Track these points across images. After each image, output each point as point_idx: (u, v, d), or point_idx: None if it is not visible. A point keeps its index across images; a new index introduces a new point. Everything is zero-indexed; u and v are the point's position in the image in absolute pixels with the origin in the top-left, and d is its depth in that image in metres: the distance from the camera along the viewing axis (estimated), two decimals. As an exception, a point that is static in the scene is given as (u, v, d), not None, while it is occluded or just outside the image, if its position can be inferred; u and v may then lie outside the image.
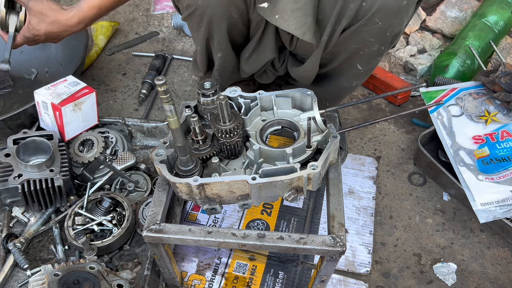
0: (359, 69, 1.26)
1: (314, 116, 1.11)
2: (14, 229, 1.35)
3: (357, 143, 1.73)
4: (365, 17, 1.12)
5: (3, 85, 1.73)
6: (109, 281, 1.06)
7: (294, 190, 1.02)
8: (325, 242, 0.98)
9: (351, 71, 1.26)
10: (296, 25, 1.16)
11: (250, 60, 1.37)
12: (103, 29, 2.11)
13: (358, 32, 1.16)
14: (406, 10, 1.12)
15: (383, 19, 1.11)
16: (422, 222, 1.49)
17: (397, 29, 1.15)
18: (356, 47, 1.20)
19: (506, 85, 1.51)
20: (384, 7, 1.09)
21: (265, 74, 1.47)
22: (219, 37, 1.29)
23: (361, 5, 1.10)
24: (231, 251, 1.38)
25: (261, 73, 1.46)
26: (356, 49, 1.20)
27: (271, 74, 1.47)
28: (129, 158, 1.47)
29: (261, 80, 1.50)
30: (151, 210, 1.06)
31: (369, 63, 1.24)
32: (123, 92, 1.92)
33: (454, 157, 1.48)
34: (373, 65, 1.25)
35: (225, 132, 1.04)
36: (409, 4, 1.11)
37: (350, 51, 1.22)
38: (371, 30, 1.14)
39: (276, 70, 1.44)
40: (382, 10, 1.10)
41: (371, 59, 1.23)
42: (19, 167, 1.29)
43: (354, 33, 1.16)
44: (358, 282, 1.33)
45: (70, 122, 1.43)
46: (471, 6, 2.14)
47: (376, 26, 1.13)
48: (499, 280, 1.35)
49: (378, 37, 1.16)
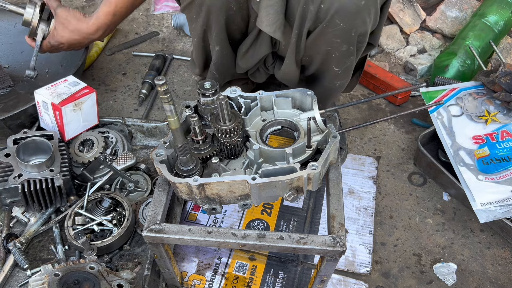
0: (336, 70, 1.27)
1: (314, 116, 1.11)
2: (14, 229, 1.35)
3: (357, 143, 1.73)
4: (326, 19, 1.13)
5: (3, 85, 1.73)
6: (109, 281, 1.06)
7: (294, 190, 1.02)
8: (325, 242, 0.98)
9: (330, 72, 1.29)
10: (268, 22, 1.17)
11: (246, 56, 1.38)
12: None
13: (323, 34, 1.17)
14: (366, 10, 1.12)
15: (343, 20, 1.12)
16: (422, 222, 1.49)
17: (360, 29, 1.15)
18: (326, 48, 1.21)
19: (506, 85, 1.51)
20: (343, 8, 1.10)
21: (258, 73, 1.47)
22: (217, 28, 1.30)
23: (320, 7, 1.12)
24: (231, 251, 1.38)
25: (255, 71, 1.47)
26: (327, 50, 1.22)
27: (264, 73, 1.47)
28: (129, 158, 1.47)
29: (254, 78, 1.50)
30: (151, 210, 1.06)
31: (343, 64, 1.26)
32: (123, 92, 1.92)
33: (454, 157, 1.48)
34: (348, 65, 1.27)
35: (225, 132, 1.04)
36: (368, 4, 1.11)
37: (322, 53, 1.23)
38: (335, 31, 1.15)
39: (268, 68, 1.45)
40: (340, 12, 1.11)
41: (344, 59, 1.24)
42: (19, 167, 1.29)
43: (320, 35, 1.18)
44: (358, 282, 1.33)
45: (70, 122, 1.43)
46: (471, 6, 2.14)
47: (339, 27, 1.14)
48: (499, 280, 1.35)
49: (343, 38, 1.17)
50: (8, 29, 1.83)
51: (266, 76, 1.49)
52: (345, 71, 1.29)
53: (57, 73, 1.76)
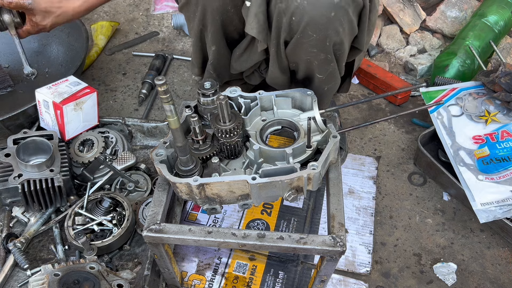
0: (320, 77, 1.29)
1: (314, 116, 1.11)
2: (14, 229, 1.35)
3: (357, 143, 1.73)
4: (299, 30, 1.14)
5: (3, 85, 1.73)
6: (109, 281, 1.06)
7: (294, 190, 1.02)
8: (325, 242, 0.98)
9: (315, 78, 1.30)
10: (258, 29, 1.19)
11: (241, 59, 1.38)
12: (103, 29, 2.12)
13: (299, 44, 1.18)
14: (337, 21, 1.12)
15: (316, 31, 1.13)
16: (422, 222, 1.49)
17: (334, 38, 1.16)
18: (306, 57, 1.22)
19: (506, 85, 1.51)
20: (313, 21, 1.11)
21: (253, 75, 1.48)
22: (214, 28, 1.30)
23: (291, 19, 1.13)
24: (231, 251, 1.38)
25: (249, 74, 1.47)
26: (307, 59, 1.23)
27: (258, 76, 1.48)
28: (129, 158, 1.47)
29: (249, 80, 1.51)
30: (151, 210, 1.06)
31: (325, 70, 1.27)
32: (123, 92, 1.92)
33: (454, 157, 1.48)
34: (330, 71, 1.28)
35: (225, 132, 1.04)
36: (339, 16, 1.12)
37: (303, 60, 1.24)
38: (310, 41, 1.16)
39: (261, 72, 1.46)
40: (311, 24, 1.12)
41: (325, 67, 1.25)
42: (19, 167, 1.29)
43: (296, 45, 1.19)
44: (358, 282, 1.33)
45: (71, 121, 1.43)
46: (471, 6, 2.14)
47: (312, 38, 1.15)
48: (499, 280, 1.35)
49: (319, 47, 1.18)
50: (8, 29, 1.83)
51: (260, 79, 1.50)
52: (329, 77, 1.29)
53: (57, 74, 1.76)
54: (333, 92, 1.41)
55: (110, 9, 2.35)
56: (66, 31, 1.78)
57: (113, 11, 2.34)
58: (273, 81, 1.37)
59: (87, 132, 1.49)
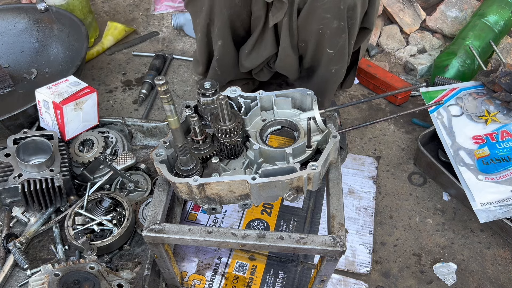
0: (330, 53, 1.29)
1: (314, 116, 1.11)
2: (14, 229, 1.35)
3: (357, 143, 1.73)
4: None
5: (3, 85, 1.73)
6: (109, 281, 1.06)
7: (294, 190, 1.02)
8: (325, 242, 0.98)
9: (325, 57, 1.30)
10: None
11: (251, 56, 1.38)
12: (115, 31, 2.11)
13: (313, 9, 1.19)
14: None
15: None
16: (422, 222, 1.49)
17: (349, 1, 1.18)
18: (318, 27, 1.23)
19: (506, 85, 1.51)
20: None
21: (262, 72, 1.48)
22: (221, 23, 1.29)
23: None
24: (231, 251, 1.38)
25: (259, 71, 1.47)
26: (319, 30, 1.23)
27: (267, 72, 1.48)
28: (129, 158, 1.47)
29: (259, 77, 1.50)
30: (151, 210, 1.06)
31: (336, 43, 1.28)
32: (123, 92, 1.92)
33: (454, 157, 1.48)
34: (341, 44, 1.28)
35: (225, 132, 1.04)
36: None
37: (315, 33, 1.25)
38: (324, 5, 1.17)
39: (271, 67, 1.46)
40: None
41: (336, 38, 1.26)
42: (19, 167, 1.29)
43: (309, 11, 1.19)
44: (358, 282, 1.33)
45: (71, 121, 1.43)
46: (471, 6, 2.14)
47: (326, 0, 1.16)
48: (499, 280, 1.35)
49: (332, 12, 1.19)
50: (8, 29, 1.83)
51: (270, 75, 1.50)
52: (339, 54, 1.29)
53: (57, 74, 1.76)
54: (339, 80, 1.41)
55: (110, 9, 2.35)
56: (66, 31, 1.79)
57: (113, 11, 2.34)
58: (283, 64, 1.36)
59: (87, 132, 1.49)
